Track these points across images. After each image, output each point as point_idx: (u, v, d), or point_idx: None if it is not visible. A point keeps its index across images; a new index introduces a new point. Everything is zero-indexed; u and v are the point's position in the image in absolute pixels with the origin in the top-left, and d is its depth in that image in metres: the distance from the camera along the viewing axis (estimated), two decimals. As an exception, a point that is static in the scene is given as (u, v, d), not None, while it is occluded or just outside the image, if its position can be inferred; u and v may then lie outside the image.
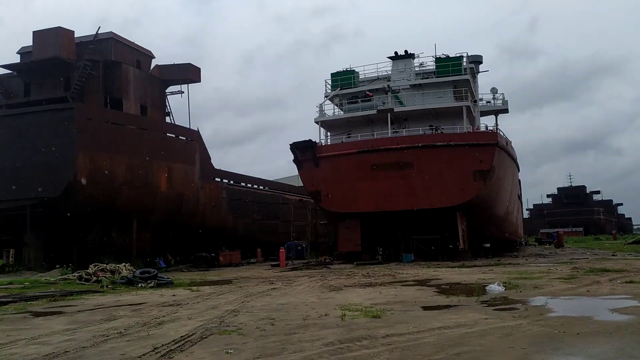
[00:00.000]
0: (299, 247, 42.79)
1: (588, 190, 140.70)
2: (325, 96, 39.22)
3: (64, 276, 23.60)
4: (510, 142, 38.66)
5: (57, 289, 18.92)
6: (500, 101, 43.77)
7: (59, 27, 35.01)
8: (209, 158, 41.98)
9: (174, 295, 15.76)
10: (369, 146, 34.74)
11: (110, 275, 22.84)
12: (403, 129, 36.95)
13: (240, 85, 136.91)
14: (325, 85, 39.59)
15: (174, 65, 40.04)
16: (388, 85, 37.42)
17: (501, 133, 35.83)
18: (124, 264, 24.97)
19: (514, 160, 41.42)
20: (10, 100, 34.92)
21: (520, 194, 51.30)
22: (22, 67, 35.42)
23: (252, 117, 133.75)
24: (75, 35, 35.87)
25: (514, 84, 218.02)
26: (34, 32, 35.34)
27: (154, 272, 21.34)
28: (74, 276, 21.92)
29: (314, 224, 40.98)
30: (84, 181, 30.63)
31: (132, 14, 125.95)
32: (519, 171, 44.77)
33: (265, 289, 17.15)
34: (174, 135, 37.97)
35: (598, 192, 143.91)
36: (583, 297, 13.30)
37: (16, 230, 31.69)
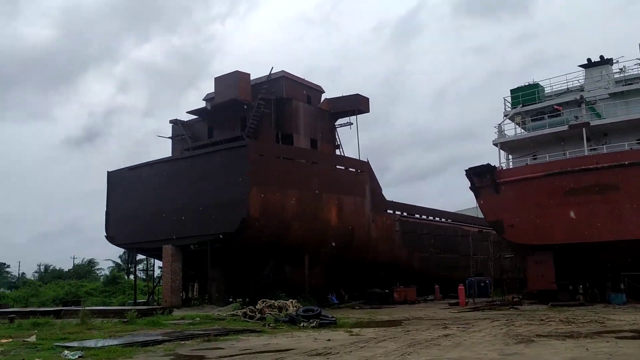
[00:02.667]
0: (482, 284, 38.62)
1: None
2: (505, 115, 35.27)
3: (234, 311, 23.37)
4: None
5: (222, 326, 18.38)
6: None
7: (236, 71, 36.87)
8: (380, 189, 40.36)
9: (329, 339, 13.90)
10: (561, 167, 29.96)
11: (277, 312, 21.99)
12: (603, 145, 31.39)
13: (431, 120, 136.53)
14: (504, 103, 35.68)
15: (342, 97, 39.69)
16: (581, 96, 32.28)
17: None
18: (290, 300, 24.04)
19: None
20: (196, 142, 37.46)
21: None
22: (204, 112, 37.84)
23: (441, 150, 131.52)
24: (252, 78, 37.61)
25: None
26: (215, 78, 37.75)
27: (317, 310, 19.87)
28: (240, 313, 21.42)
29: (497, 257, 36.63)
30: (256, 216, 30.98)
31: (336, 63, 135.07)
32: None
33: (435, 336, 14.46)
34: (343, 168, 37.13)
35: None
36: None
37: (201, 265, 33.10)
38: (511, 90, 35.72)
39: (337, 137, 40.22)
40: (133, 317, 18.43)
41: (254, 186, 30.96)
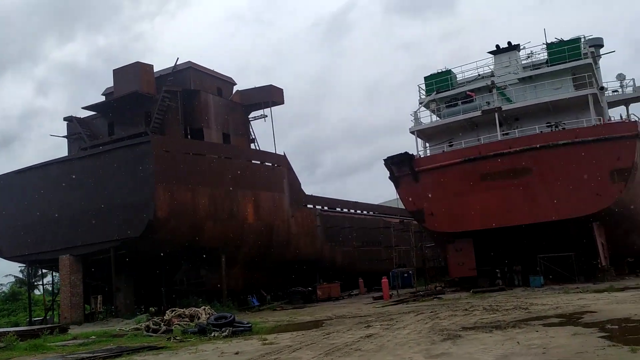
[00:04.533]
0: (405, 275, 38.21)
1: None
2: (420, 103, 34.86)
3: (138, 324, 21.02)
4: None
5: (118, 344, 16.13)
6: (631, 88, 36.90)
7: (138, 62, 34.11)
8: (299, 183, 38.93)
9: (237, 352, 12.17)
10: (476, 153, 29.82)
11: (187, 322, 19.95)
12: (515, 129, 31.62)
13: (362, 115, 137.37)
14: (419, 91, 35.28)
15: (254, 89, 37.86)
16: (492, 82, 32.37)
17: (641, 122, 29.47)
18: (203, 307, 22.03)
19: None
20: (95, 140, 34.19)
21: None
22: (103, 107, 34.68)
23: (372, 145, 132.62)
24: (158, 69, 34.93)
25: None
26: (114, 70, 34.71)
27: (230, 317, 18.03)
28: (144, 326, 19.15)
29: (419, 247, 36.28)
30: (164, 217, 28.55)
31: (270, 61, 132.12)
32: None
33: (357, 338, 13.11)
34: (259, 162, 35.32)
35: None
36: None
37: (105, 275, 30.16)
38: (425, 78, 35.39)
39: (251, 130, 38.40)
40: (11, 342, 15.76)
41: (160, 185, 28.51)
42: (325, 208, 42.24)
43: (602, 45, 37.02)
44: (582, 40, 32.15)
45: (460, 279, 30.91)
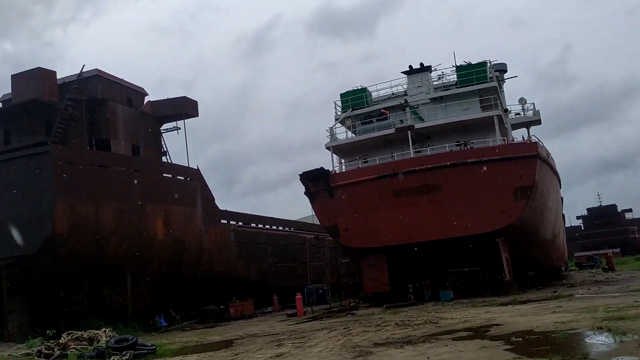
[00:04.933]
0: (320, 291, 37.96)
1: (619, 209, 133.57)
2: (336, 119, 35.10)
3: (30, 349, 19.22)
4: (550, 153, 33.96)
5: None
6: (531, 112, 39.24)
7: (39, 68, 31.73)
8: (213, 198, 37.81)
9: (136, 378, 11.27)
10: (390, 170, 30.33)
11: (85, 346, 18.46)
12: (426, 147, 32.56)
13: (283, 132, 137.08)
14: (335, 107, 35.59)
15: (167, 100, 36.45)
16: (405, 101, 33.21)
17: (541, 144, 31.21)
18: (104, 329, 20.53)
19: (556, 174, 36.59)
20: (-12, 150, 31.37)
21: (563, 214, 46.11)
22: (-1, 114, 32.01)
23: (291, 161, 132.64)
24: (61, 76, 32.75)
25: (550, 110, 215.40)
26: (12, 75, 32.15)
27: (132, 339, 16.87)
28: (35, 351, 17.49)
29: (334, 263, 36.25)
30: (64, 233, 26.57)
31: (191, 75, 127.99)
32: (560, 187, 39.82)
33: (267, 357, 12.58)
34: (170, 176, 33.95)
35: (630, 210, 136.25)
36: None
37: (-4, 295, 27.49)
38: (341, 95, 35.75)
39: (163, 142, 36.88)
40: None
41: (60, 199, 26.53)
42: (240, 224, 41.30)
43: (505, 71, 39.24)
44: (488, 64, 33.84)
45: (373, 294, 31.09)
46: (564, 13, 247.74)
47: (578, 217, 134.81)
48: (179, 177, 34.37)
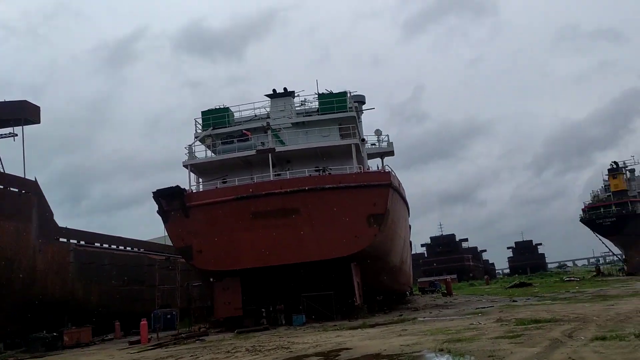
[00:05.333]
0: (168, 316, 35.85)
1: (457, 238, 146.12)
2: (195, 137, 34.00)
3: None
4: (401, 183, 35.94)
5: None
6: (386, 143, 41.39)
7: None
8: (51, 214, 34.28)
9: None
10: (249, 191, 29.86)
11: None
12: (286, 171, 32.69)
13: (141, 148, 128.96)
14: (195, 125, 34.47)
15: (1, 102, 32.60)
16: (268, 123, 33.17)
17: (394, 174, 32.84)
18: None
19: (406, 203, 38.76)
20: None
21: (410, 241, 48.92)
22: None
23: (149, 178, 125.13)
24: None
25: (403, 143, 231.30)
26: None
27: None
28: None
29: (185, 286, 34.56)
30: None
31: (40, 79, 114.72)
32: (409, 215, 42.30)
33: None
34: (1, 187, 30.18)
35: (466, 240, 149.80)
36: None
37: None
38: (202, 112, 34.81)
39: (-5, 150, 32.79)
40: None
41: None
42: (83, 243, 37.86)
43: (364, 102, 41.10)
44: (349, 95, 35.14)
45: (225, 319, 30.07)
46: (418, 56, 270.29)
47: (422, 245, 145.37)
48: (11, 189, 30.69)
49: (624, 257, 71.91)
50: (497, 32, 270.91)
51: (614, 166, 72.69)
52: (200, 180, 34.01)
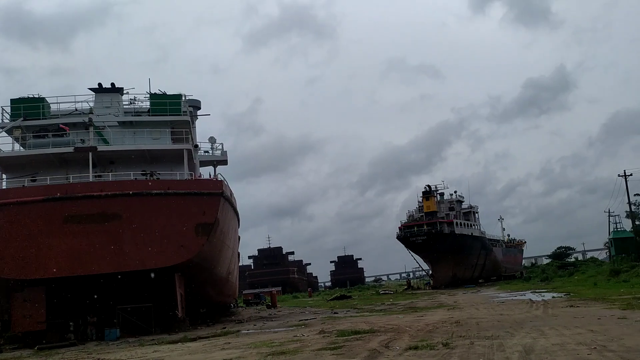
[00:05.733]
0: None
1: (284, 251, 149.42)
2: (1, 127, 29.86)
3: None
4: (233, 193, 35.30)
5: None
6: (219, 152, 40.48)
7: None
8: None
9: None
10: (62, 192, 26.83)
11: None
12: (109, 172, 30.13)
13: None
14: (2, 114, 30.28)
15: None
16: (90, 119, 30.34)
17: (226, 183, 32.07)
18: None
19: (237, 213, 38.14)
20: None
21: (239, 252, 48.23)
22: None
23: None
24: None
25: (238, 155, 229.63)
26: None
27: None
28: None
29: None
30: None
31: None
32: (239, 226, 41.70)
33: None
34: None
35: (292, 253, 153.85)
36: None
37: None
38: (12, 100, 30.80)
39: None
40: None
41: None
42: None
43: (199, 107, 39.76)
44: (183, 97, 33.71)
45: (25, 333, 26.49)
46: (258, 69, 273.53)
47: (250, 257, 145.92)
48: None
49: (430, 272, 79.24)
50: (335, 55, 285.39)
51: (427, 189, 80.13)
52: (4, 176, 29.87)
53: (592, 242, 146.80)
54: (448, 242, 72.49)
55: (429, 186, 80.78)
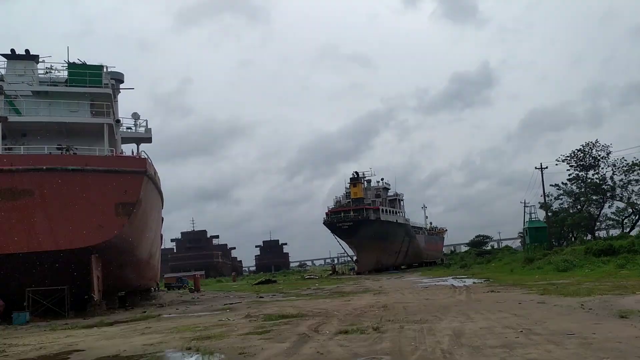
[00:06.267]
0: None
1: (209, 235, 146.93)
2: None
3: None
4: (157, 172, 33.79)
5: None
6: (143, 129, 38.59)
7: None
8: None
9: None
10: (-34, 165, 24.57)
11: None
12: (20, 146, 27.92)
13: None
14: None
15: None
16: (1, 87, 27.93)
17: (150, 161, 30.57)
18: None
19: (160, 194, 36.58)
20: None
21: (162, 234, 46.46)
22: None
23: None
24: None
25: (165, 135, 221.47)
26: None
27: None
28: None
29: None
30: None
31: None
32: (163, 207, 40.05)
33: None
34: None
35: (217, 237, 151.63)
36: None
37: None
38: None
39: None
40: None
41: None
42: None
43: (122, 81, 37.56)
44: (105, 69, 31.76)
45: None
46: (189, 49, 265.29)
47: (172, 240, 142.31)
48: None
49: (355, 258, 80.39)
50: (268, 39, 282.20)
51: (355, 176, 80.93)
52: None
53: (507, 232, 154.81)
54: (373, 229, 73.66)
55: (356, 173, 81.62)
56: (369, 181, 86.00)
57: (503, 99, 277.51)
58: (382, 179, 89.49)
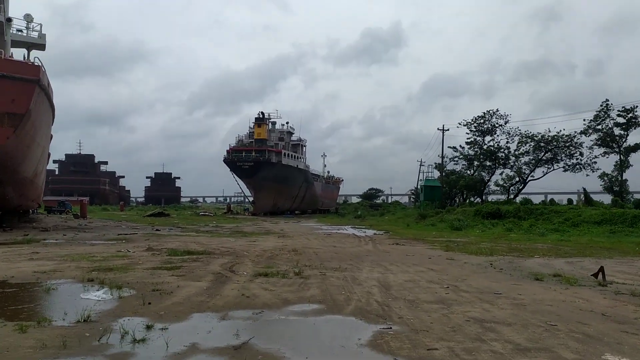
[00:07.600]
0: None
1: (97, 160, 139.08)
2: None
3: None
4: (50, 83, 30.28)
5: None
6: (37, 34, 34.28)
7: None
8: None
9: None
10: None
11: None
12: None
13: None
14: None
15: None
16: None
17: (44, 70, 27.18)
18: None
19: (53, 108, 32.98)
20: None
21: (50, 153, 42.27)
22: None
23: None
24: None
25: (60, 49, 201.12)
26: None
27: None
28: None
29: None
30: None
31: None
32: (53, 123, 36.24)
33: None
34: None
35: (106, 163, 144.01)
36: (241, 310, 8.47)
37: None
38: None
39: None
40: None
41: None
42: None
43: (17, -25, 32.96)
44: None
45: None
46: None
47: (55, 161, 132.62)
48: None
49: (252, 199, 79.64)
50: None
51: (261, 116, 79.08)
52: None
53: (397, 188, 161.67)
54: (274, 172, 73.04)
55: (262, 113, 79.80)
56: (274, 123, 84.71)
57: (409, 61, 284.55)
58: (287, 122, 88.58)
